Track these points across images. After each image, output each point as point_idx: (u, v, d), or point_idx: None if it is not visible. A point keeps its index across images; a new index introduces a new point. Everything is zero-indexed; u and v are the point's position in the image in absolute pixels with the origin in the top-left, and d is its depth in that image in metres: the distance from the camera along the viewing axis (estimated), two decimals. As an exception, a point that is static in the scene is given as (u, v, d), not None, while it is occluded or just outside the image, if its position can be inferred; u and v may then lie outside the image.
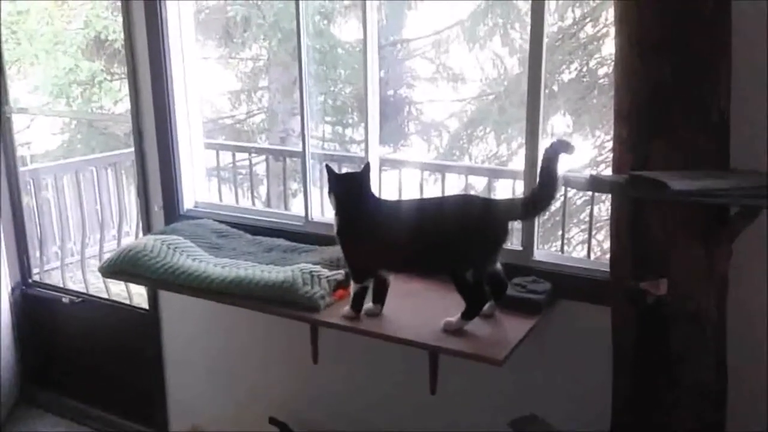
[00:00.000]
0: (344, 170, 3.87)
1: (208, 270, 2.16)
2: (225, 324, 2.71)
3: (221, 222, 2.60)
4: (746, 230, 1.59)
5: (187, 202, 2.75)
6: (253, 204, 4.35)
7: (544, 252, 2.26)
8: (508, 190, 3.54)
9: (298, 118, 2.56)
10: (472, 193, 3.50)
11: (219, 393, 2.86)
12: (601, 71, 4.37)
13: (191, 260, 2.25)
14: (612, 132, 1.72)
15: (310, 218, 2.52)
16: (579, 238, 4.70)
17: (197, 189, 2.80)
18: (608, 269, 1.78)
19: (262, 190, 5.02)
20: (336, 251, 2.25)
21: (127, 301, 3.56)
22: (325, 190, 2.00)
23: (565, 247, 4.66)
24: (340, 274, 2.12)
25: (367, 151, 2.43)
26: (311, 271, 2.07)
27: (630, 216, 1.65)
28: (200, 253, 2.31)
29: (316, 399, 2.60)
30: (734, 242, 1.61)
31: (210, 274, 2.14)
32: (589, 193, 3.74)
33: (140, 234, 3.03)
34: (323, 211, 3.50)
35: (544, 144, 2.13)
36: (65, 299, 3.24)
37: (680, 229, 1.60)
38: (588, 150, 4.61)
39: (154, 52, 2.65)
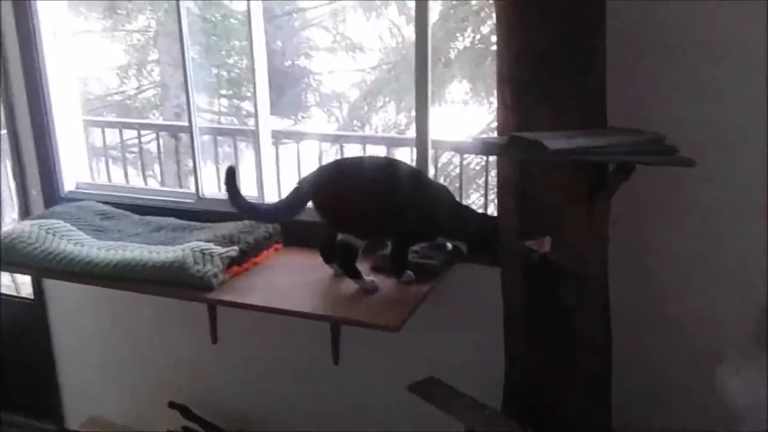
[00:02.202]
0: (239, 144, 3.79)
1: (91, 254, 2.06)
2: (117, 309, 2.61)
3: (106, 203, 2.48)
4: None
5: (68, 184, 2.61)
6: (146, 183, 4.18)
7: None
8: (407, 158, 3.55)
9: (190, 91, 2.46)
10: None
11: (115, 381, 2.76)
12: (494, 38, 4.43)
13: (73, 245, 2.13)
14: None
15: (201, 195, 2.43)
16: (480, 202, 4.81)
17: (78, 170, 2.65)
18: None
19: (159, 169, 4.84)
20: (229, 227, 2.20)
21: (14, 292, 3.36)
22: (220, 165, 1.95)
23: (467, 212, 4.74)
24: (234, 250, 2.06)
25: (257, 124, 2.36)
26: (203, 249, 2.01)
27: (515, 177, 1.68)
28: (82, 236, 2.19)
29: (217, 379, 2.55)
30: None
31: (93, 258, 2.03)
32: (485, 157, 3.82)
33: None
34: (220, 186, 3.40)
35: (435, 111, 2.14)
36: (-59, 294, 3.02)
37: (562, 188, 1.63)
38: (484, 115, 4.71)
39: (23, 28, 2.48)
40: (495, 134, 1.76)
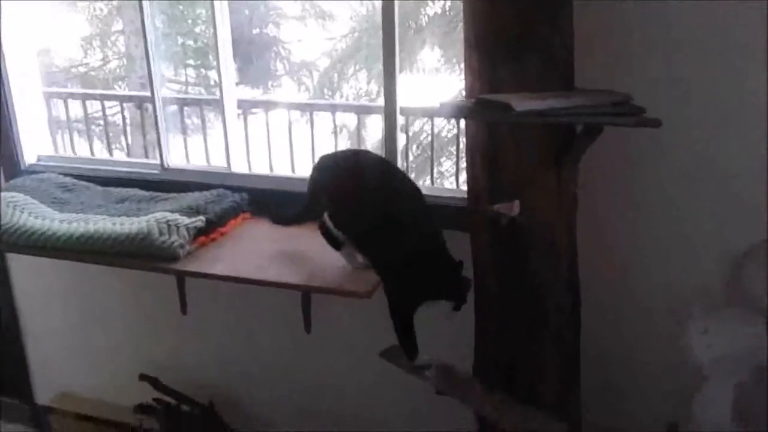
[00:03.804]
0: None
1: (53, 227, 2.01)
2: (84, 282, 2.56)
3: (69, 175, 2.42)
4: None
5: (29, 157, 2.54)
6: (111, 155, 4.11)
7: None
8: (378, 125, 3.53)
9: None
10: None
11: (85, 355, 2.72)
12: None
13: (33, 218, 2.08)
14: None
15: (166, 165, 2.38)
16: (453, 169, 4.81)
17: (40, 142, 2.59)
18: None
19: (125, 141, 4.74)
20: (195, 197, 2.16)
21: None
22: (189, 136, 1.88)
23: (441, 179, 4.76)
24: (200, 220, 2.02)
25: (222, 94, 2.31)
26: (168, 220, 1.97)
27: (483, 140, 1.66)
28: (43, 209, 2.14)
29: (188, 350, 2.54)
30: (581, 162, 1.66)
31: (55, 231, 1.99)
32: (457, 124, 3.81)
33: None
34: (188, 158, 3.35)
35: (406, 78, 2.11)
36: None
37: (530, 150, 1.62)
38: (456, 83, 4.68)
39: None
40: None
